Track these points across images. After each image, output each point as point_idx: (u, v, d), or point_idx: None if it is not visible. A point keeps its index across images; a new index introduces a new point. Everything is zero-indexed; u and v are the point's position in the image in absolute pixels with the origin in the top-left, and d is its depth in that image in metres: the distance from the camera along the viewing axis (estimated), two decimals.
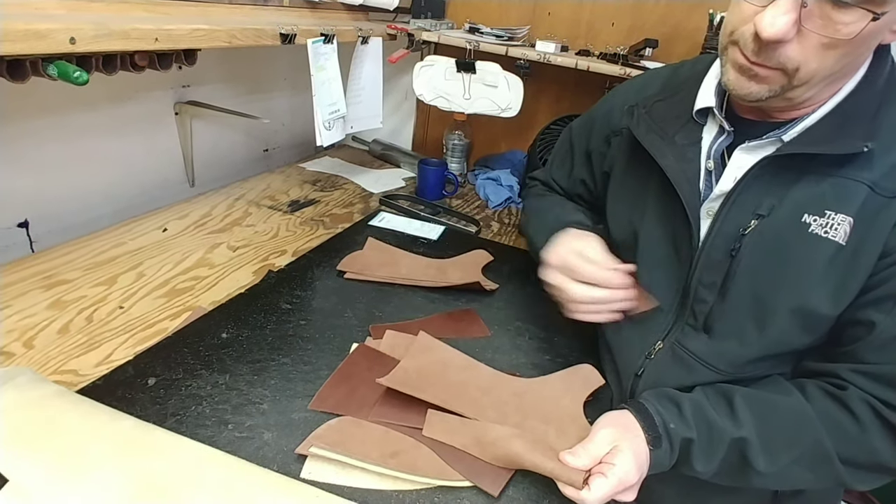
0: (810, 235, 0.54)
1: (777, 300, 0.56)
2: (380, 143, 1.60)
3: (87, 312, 0.75)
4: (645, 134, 0.66)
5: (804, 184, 0.55)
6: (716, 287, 0.60)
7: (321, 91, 1.02)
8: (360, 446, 0.55)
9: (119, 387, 0.61)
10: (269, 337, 0.73)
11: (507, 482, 0.55)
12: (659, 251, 0.66)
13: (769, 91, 0.53)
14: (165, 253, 0.93)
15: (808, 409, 0.55)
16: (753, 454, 0.54)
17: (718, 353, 0.61)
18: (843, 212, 0.53)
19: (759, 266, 0.57)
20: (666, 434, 0.55)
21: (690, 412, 0.56)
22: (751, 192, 0.58)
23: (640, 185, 0.70)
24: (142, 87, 1.06)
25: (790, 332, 0.57)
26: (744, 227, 0.57)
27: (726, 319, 0.60)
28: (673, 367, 0.64)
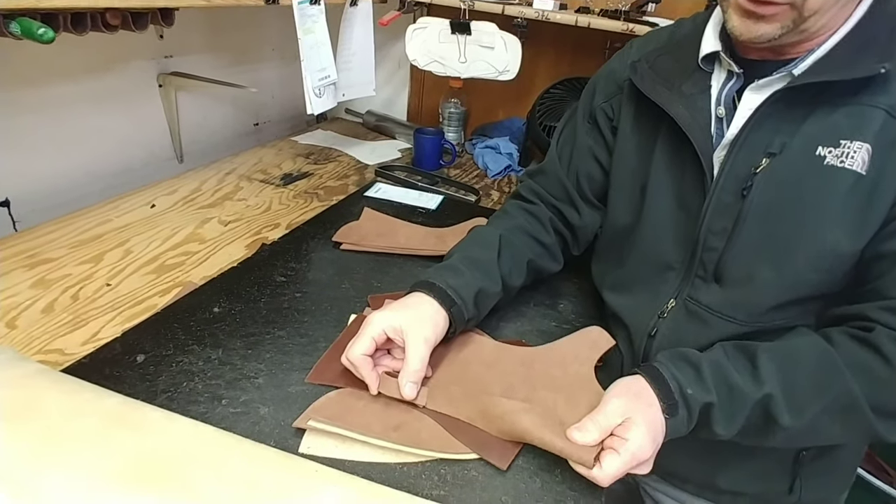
0: (826, 168, 0.52)
1: (792, 239, 0.54)
2: (374, 115, 1.55)
3: (72, 291, 0.72)
4: (651, 87, 0.63)
5: (816, 116, 0.53)
6: (726, 233, 0.57)
7: (310, 55, 0.97)
8: (361, 419, 0.52)
9: (106, 365, 0.58)
10: (263, 310, 0.70)
11: (516, 454, 0.52)
12: (667, 207, 0.63)
13: (781, 29, 0.50)
14: (154, 229, 0.89)
15: (833, 356, 0.51)
16: (778, 410, 0.50)
17: (732, 302, 0.58)
18: (860, 139, 0.51)
19: (772, 205, 0.55)
20: (683, 400, 0.51)
21: (710, 374, 0.52)
22: (761, 130, 0.55)
23: (646, 142, 0.66)
24: (121, 56, 1.01)
25: (808, 272, 0.54)
26: (755, 167, 0.55)
27: (738, 265, 0.57)
28: (688, 323, 0.61)
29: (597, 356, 0.64)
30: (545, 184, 0.77)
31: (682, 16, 1.18)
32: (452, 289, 0.60)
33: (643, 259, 0.67)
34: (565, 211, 0.75)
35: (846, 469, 0.69)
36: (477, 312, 0.64)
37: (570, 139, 0.76)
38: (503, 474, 0.50)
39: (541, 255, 0.74)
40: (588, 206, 0.75)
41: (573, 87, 1.28)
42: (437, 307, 0.59)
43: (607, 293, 0.73)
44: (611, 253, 0.73)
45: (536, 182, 0.78)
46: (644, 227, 0.66)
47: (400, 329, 0.56)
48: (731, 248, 0.57)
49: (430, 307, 0.59)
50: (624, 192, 0.69)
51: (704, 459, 0.65)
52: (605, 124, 0.73)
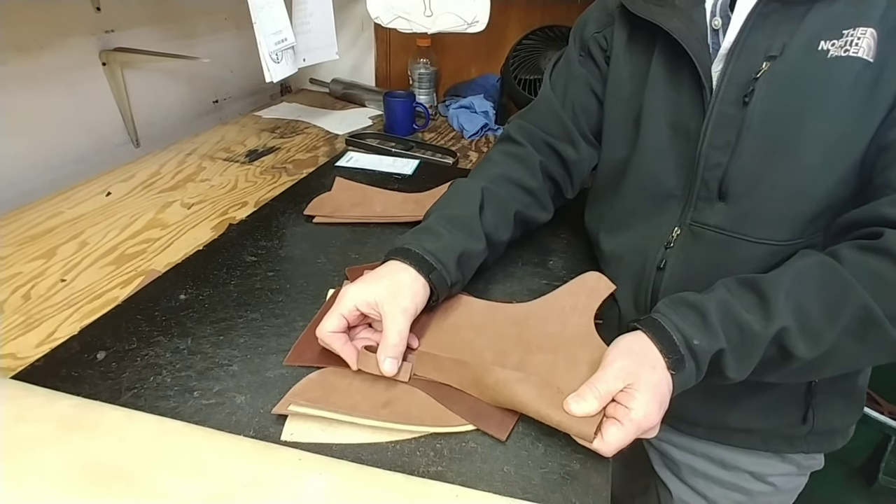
0: (830, 61, 0.50)
1: (799, 141, 0.52)
2: (340, 83, 1.47)
3: (23, 290, 0.66)
4: (643, 6, 0.60)
5: (816, 10, 0.51)
6: (729, 146, 0.55)
7: (262, 16, 0.90)
8: (346, 399, 0.48)
9: (63, 365, 0.53)
10: (233, 293, 0.65)
11: (515, 422, 0.49)
12: (663, 131, 0.60)
13: None
14: (110, 218, 0.83)
15: (842, 272, 0.47)
16: (794, 342, 0.46)
17: (741, 218, 0.56)
18: (863, 24, 0.49)
19: (775, 110, 0.52)
20: (690, 353, 0.47)
21: (717, 317, 0.48)
22: (759, 33, 0.53)
23: (640, 67, 0.63)
24: (55, 32, 0.92)
25: (818, 175, 0.52)
26: (755, 72, 0.52)
27: (743, 178, 0.55)
28: (697, 249, 0.59)
29: (596, 304, 0.60)
30: (537, 120, 0.72)
31: None
32: (430, 253, 0.55)
33: (641, 190, 0.64)
34: (561, 148, 0.71)
35: (858, 393, 0.67)
36: (461, 276, 0.59)
37: (563, 72, 0.72)
38: (503, 443, 0.47)
39: (529, 205, 0.70)
40: (585, 141, 0.71)
41: (547, 36, 1.22)
42: (414, 275, 0.54)
43: (605, 236, 0.69)
44: (606, 192, 0.70)
45: (527, 120, 0.74)
46: (640, 156, 0.63)
47: (375, 303, 0.51)
48: (735, 160, 0.55)
49: (407, 276, 0.54)
50: (618, 124, 0.66)
51: (713, 400, 0.63)
52: (599, 54, 0.69)
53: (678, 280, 0.61)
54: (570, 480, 0.44)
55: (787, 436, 0.66)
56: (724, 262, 0.58)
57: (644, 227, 0.63)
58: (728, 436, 0.68)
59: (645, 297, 0.64)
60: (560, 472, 0.45)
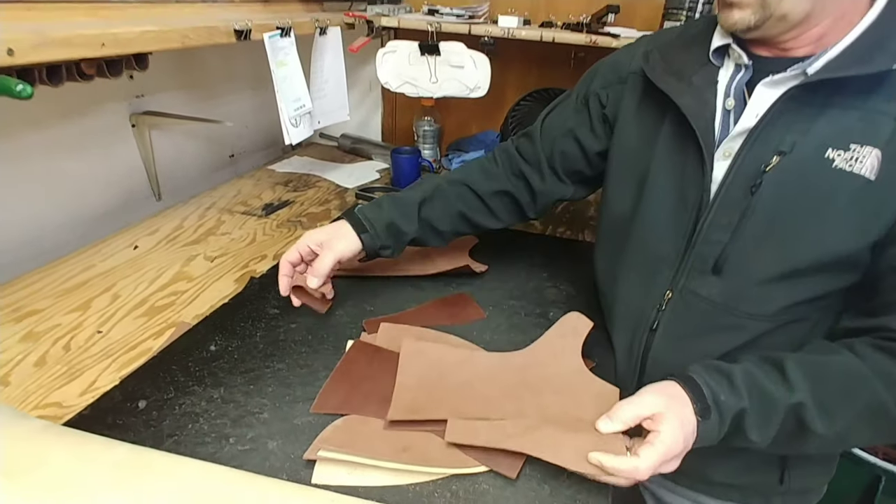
0: (834, 171, 0.53)
1: (796, 238, 0.55)
2: (349, 137, 1.56)
3: (63, 341, 0.71)
4: (661, 76, 0.65)
5: (828, 118, 0.54)
6: (731, 227, 0.58)
7: (284, 87, 0.99)
8: (370, 444, 0.53)
9: (108, 414, 0.58)
10: (260, 344, 0.70)
11: (523, 462, 0.54)
12: (665, 198, 0.65)
13: (752, 14, 0.53)
14: (139, 271, 0.89)
15: (860, 364, 0.53)
16: (811, 417, 0.52)
17: (733, 295, 0.60)
18: (870, 144, 0.52)
19: (779, 203, 0.56)
20: (715, 406, 0.52)
21: (742, 382, 0.53)
22: (774, 127, 0.56)
23: (651, 130, 0.67)
24: (93, 100, 1.01)
25: (810, 271, 0.56)
26: (765, 164, 0.56)
27: (740, 259, 0.59)
28: (688, 314, 0.63)
29: (580, 342, 0.68)
30: (523, 146, 0.83)
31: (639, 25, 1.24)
32: (367, 219, 0.74)
33: (639, 250, 0.68)
34: (529, 175, 0.80)
35: (832, 456, 0.72)
36: (390, 242, 0.75)
37: (557, 113, 0.80)
38: (513, 484, 0.52)
39: (476, 210, 0.81)
40: (554, 176, 0.80)
41: (542, 97, 1.32)
42: (350, 230, 0.73)
43: (606, 286, 0.75)
44: (609, 243, 0.75)
45: (516, 143, 0.84)
46: (641, 218, 0.67)
47: (320, 243, 0.72)
48: (734, 241, 0.58)
49: (347, 230, 0.73)
50: (623, 183, 0.71)
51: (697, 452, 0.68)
52: (596, 110, 0.75)
53: (669, 342, 0.65)
54: None
55: (764, 493, 0.69)
56: (714, 330, 0.62)
57: (640, 285, 0.68)
58: (710, 488, 0.72)
59: (637, 354, 0.68)
60: None
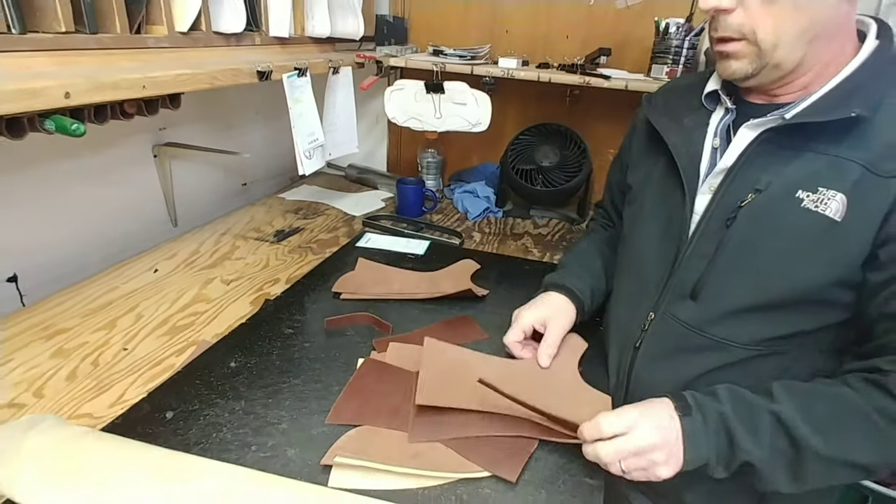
0: (802, 210, 0.57)
1: (767, 270, 0.60)
2: (355, 168, 1.63)
3: (91, 357, 0.76)
4: (657, 117, 0.72)
5: (801, 161, 0.59)
6: (708, 257, 0.63)
7: (299, 122, 1.06)
8: (381, 451, 0.58)
9: (138, 424, 0.63)
10: (276, 361, 0.75)
11: (523, 467, 0.58)
12: (655, 225, 0.71)
13: (749, 64, 0.59)
14: (160, 293, 0.94)
15: (852, 392, 0.55)
16: (803, 433, 0.53)
17: (708, 320, 0.64)
18: (836, 188, 0.56)
19: (751, 237, 0.60)
20: (697, 406, 0.56)
21: (724, 391, 0.58)
22: (752, 167, 0.61)
23: (651, 167, 0.75)
24: (121, 133, 1.08)
25: (780, 302, 0.60)
26: (741, 200, 0.61)
27: (714, 286, 0.63)
28: (667, 336, 0.68)
29: (576, 358, 0.76)
30: (606, 208, 0.95)
31: (630, 67, 1.33)
32: (579, 290, 0.80)
33: (632, 273, 0.75)
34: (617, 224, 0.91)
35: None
36: (591, 306, 0.81)
37: (609, 176, 0.94)
38: (513, 489, 0.56)
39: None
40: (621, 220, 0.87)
41: (540, 132, 1.39)
42: (569, 305, 0.79)
43: (609, 306, 0.83)
44: (616, 267, 0.83)
45: (601, 208, 0.98)
46: (634, 243, 0.75)
47: (544, 319, 0.76)
48: (710, 270, 0.63)
49: (565, 305, 0.79)
50: (629, 215, 0.80)
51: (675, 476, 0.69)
52: (624, 158, 0.86)
53: (649, 361, 0.70)
54: None
55: None
56: (688, 351, 0.66)
57: (629, 306, 0.74)
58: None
59: (625, 371, 0.73)
60: None
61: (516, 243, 1.24)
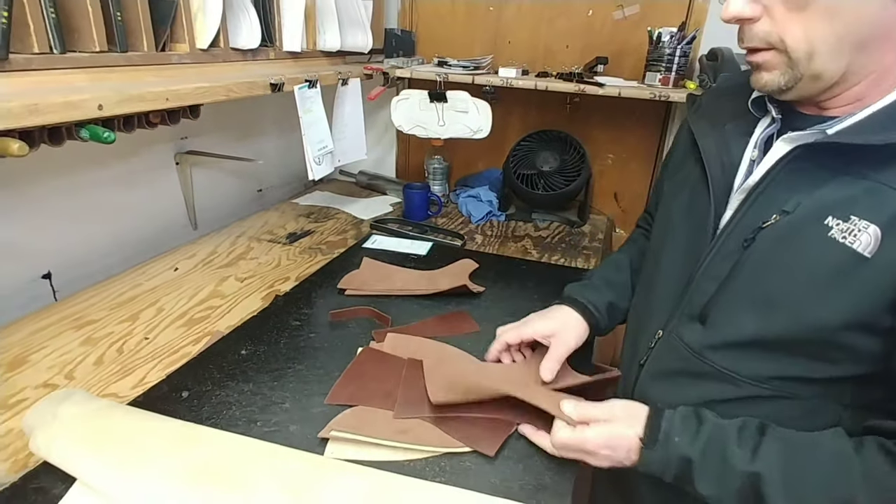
0: (828, 239, 0.50)
1: (780, 302, 0.53)
2: (366, 174, 1.71)
3: (117, 345, 0.84)
4: (697, 119, 0.66)
5: (836, 184, 0.51)
6: (720, 279, 0.57)
7: (310, 131, 1.13)
8: (374, 427, 0.64)
9: (157, 402, 0.69)
10: (283, 349, 0.82)
11: (501, 444, 0.63)
12: (678, 239, 0.66)
13: (781, 76, 0.52)
14: (179, 289, 1.01)
15: (853, 461, 0.48)
16: (770, 492, 0.49)
17: (710, 344, 0.59)
18: (871, 219, 0.48)
19: (767, 263, 0.54)
20: (665, 442, 0.54)
21: (707, 433, 0.53)
22: (781, 185, 0.55)
23: (686, 174, 0.68)
24: (146, 142, 1.17)
25: (788, 341, 0.53)
26: (763, 221, 0.54)
27: (722, 311, 0.57)
28: (669, 356, 0.63)
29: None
30: (650, 213, 0.90)
31: (627, 74, 1.37)
32: (592, 304, 0.76)
33: (648, 286, 0.71)
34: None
35: None
36: (610, 322, 0.78)
37: (657, 181, 0.88)
38: (492, 462, 0.62)
39: None
40: None
41: (541, 138, 1.45)
42: (579, 319, 0.75)
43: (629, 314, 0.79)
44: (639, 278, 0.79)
45: (647, 213, 0.92)
46: (655, 254, 0.70)
47: (550, 333, 0.72)
48: (720, 294, 0.57)
49: (575, 319, 0.75)
50: (657, 220, 0.76)
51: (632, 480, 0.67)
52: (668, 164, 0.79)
53: (650, 381, 0.66)
54: (542, 490, 0.58)
55: None
56: (689, 378, 0.61)
57: (643, 321, 0.69)
58: None
59: (630, 386, 0.69)
60: (534, 484, 0.59)
61: (516, 245, 1.30)
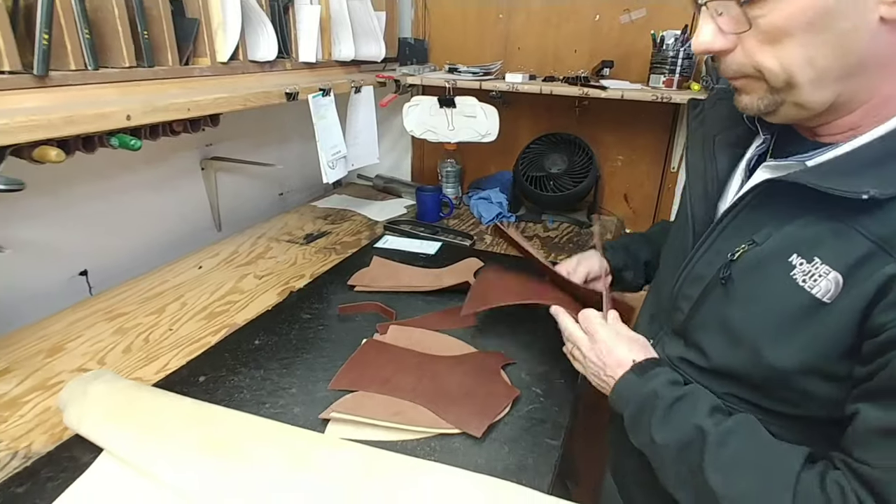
0: (789, 279, 0.49)
1: (741, 334, 0.53)
2: (382, 178, 1.77)
3: (144, 335, 0.91)
4: (696, 128, 0.65)
5: (805, 220, 0.49)
6: (692, 300, 0.58)
7: (323, 136, 1.19)
8: (371, 410, 0.68)
9: (176, 384, 0.76)
10: (293, 340, 0.87)
11: (488, 427, 0.67)
12: (670, 251, 0.67)
13: (760, 100, 0.49)
14: (202, 286, 1.09)
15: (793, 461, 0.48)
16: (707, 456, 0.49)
17: (687, 360, 0.59)
18: (833, 265, 0.46)
19: (732, 293, 0.54)
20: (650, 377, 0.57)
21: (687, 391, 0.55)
22: (753, 212, 0.54)
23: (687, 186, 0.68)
24: (173, 149, 1.25)
25: (746, 373, 0.53)
26: (733, 253, 0.53)
27: (695, 333, 0.58)
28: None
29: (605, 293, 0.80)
30: None
31: (633, 77, 1.39)
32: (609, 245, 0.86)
33: (654, 293, 0.72)
34: None
35: None
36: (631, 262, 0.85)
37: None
38: (479, 444, 0.65)
39: None
40: None
41: (550, 141, 1.48)
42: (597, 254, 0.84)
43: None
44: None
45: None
46: (661, 260, 0.71)
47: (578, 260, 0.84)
48: (693, 315, 0.58)
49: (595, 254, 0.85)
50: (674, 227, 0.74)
51: None
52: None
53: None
54: (524, 470, 0.62)
55: None
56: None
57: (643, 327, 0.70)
58: None
59: None
60: (517, 465, 0.63)
61: None
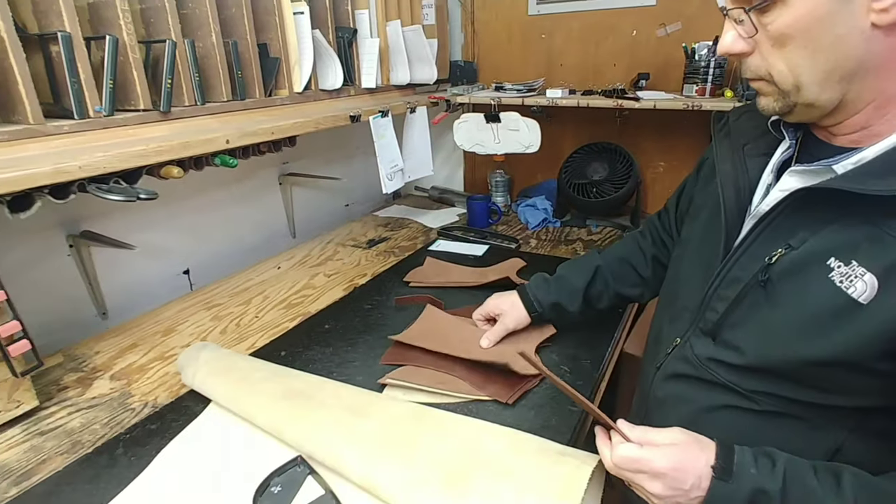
0: (827, 281, 0.51)
1: (777, 332, 0.55)
2: (437, 189, 1.91)
3: (235, 321, 1.09)
4: (721, 139, 0.67)
5: (840, 225, 0.51)
6: (728, 301, 0.59)
7: (383, 152, 1.36)
8: (419, 379, 0.81)
9: (262, 358, 0.92)
10: (357, 326, 1.03)
11: (518, 395, 0.78)
12: (699, 255, 0.67)
13: (775, 101, 0.54)
14: (281, 282, 1.27)
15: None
16: None
17: (718, 360, 0.60)
18: (869, 267, 0.48)
19: (770, 294, 0.56)
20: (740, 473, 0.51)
21: (784, 467, 0.50)
22: (788, 218, 0.56)
23: (710, 192, 0.69)
24: (257, 167, 1.46)
25: (784, 367, 0.55)
26: (770, 256, 0.55)
27: (729, 331, 0.59)
28: (681, 364, 0.65)
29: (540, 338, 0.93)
30: (664, 217, 0.90)
31: (669, 88, 1.46)
32: (537, 300, 0.90)
33: (671, 295, 0.73)
34: (666, 241, 0.88)
35: None
36: (556, 318, 0.92)
37: (682, 185, 0.84)
38: (510, 408, 0.77)
39: (633, 285, 0.90)
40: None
41: (591, 150, 1.57)
42: (524, 310, 0.90)
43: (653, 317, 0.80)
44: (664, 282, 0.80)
45: (658, 216, 0.92)
46: (679, 265, 0.73)
47: (500, 312, 0.90)
48: (728, 316, 0.59)
49: (522, 309, 0.90)
50: (684, 230, 0.77)
51: None
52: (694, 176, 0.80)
53: (663, 382, 0.67)
54: (547, 429, 0.73)
55: None
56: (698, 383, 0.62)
57: (665, 328, 0.71)
58: None
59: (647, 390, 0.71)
60: (542, 424, 0.74)
61: (567, 247, 1.42)
